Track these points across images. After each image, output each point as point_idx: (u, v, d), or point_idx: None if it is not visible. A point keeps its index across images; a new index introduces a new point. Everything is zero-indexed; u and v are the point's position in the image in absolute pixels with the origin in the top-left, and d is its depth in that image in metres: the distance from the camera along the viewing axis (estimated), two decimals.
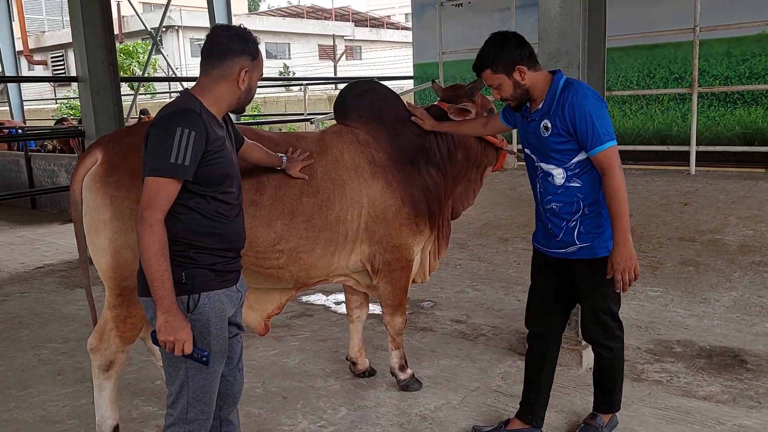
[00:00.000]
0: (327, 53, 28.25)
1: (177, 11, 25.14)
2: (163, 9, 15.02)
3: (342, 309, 4.68)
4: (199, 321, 2.01)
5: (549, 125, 2.52)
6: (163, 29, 26.36)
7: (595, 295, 2.67)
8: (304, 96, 14.87)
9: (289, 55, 30.30)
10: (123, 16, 26.33)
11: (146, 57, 16.42)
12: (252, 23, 29.50)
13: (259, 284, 3.03)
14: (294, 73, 26.74)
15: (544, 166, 2.60)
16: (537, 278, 2.82)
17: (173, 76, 16.78)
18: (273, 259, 2.84)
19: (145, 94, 17.32)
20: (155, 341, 1.97)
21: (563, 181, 2.55)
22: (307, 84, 15.52)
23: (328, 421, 3.07)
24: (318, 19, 33.54)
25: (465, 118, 3.16)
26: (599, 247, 2.58)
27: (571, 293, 2.75)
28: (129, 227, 2.58)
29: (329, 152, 3.01)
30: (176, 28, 26.04)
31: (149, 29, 15.45)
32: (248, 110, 17.04)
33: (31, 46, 30.45)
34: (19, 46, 31.39)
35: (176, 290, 1.95)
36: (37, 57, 31.33)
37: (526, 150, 2.71)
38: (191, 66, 24.58)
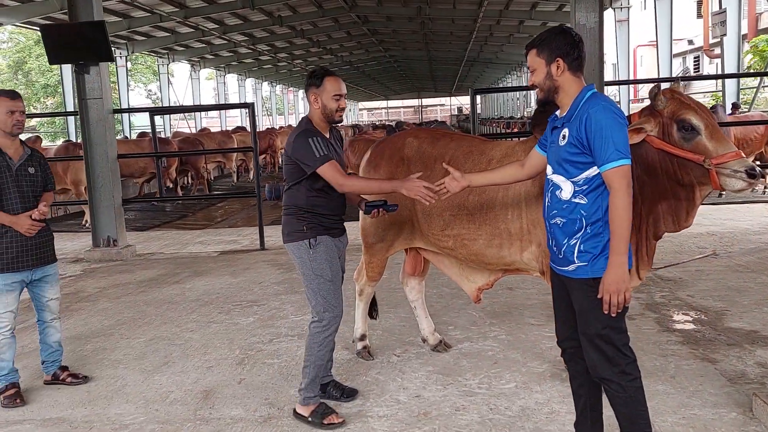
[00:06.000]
0: None
1: None
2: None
3: None
4: (317, 252, 3.17)
5: (567, 134, 2.50)
6: None
7: (590, 320, 2.51)
8: None
9: None
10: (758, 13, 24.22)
11: None
12: None
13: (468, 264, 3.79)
14: None
15: (555, 178, 2.56)
16: (554, 297, 2.76)
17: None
18: (444, 241, 3.61)
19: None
20: (366, 211, 3.22)
21: (570, 196, 2.50)
22: None
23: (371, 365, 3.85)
24: None
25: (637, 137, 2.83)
26: (597, 267, 2.45)
27: None
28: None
29: (510, 158, 3.45)
30: None
31: None
32: None
33: (711, 41, 31.23)
34: (699, 42, 32.73)
35: (301, 237, 3.16)
36: (716, 51, 31.87)
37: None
38: None
